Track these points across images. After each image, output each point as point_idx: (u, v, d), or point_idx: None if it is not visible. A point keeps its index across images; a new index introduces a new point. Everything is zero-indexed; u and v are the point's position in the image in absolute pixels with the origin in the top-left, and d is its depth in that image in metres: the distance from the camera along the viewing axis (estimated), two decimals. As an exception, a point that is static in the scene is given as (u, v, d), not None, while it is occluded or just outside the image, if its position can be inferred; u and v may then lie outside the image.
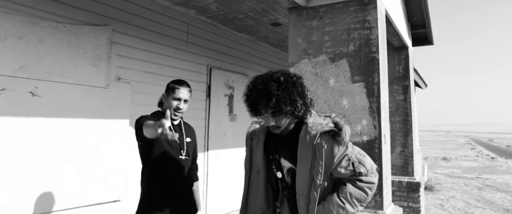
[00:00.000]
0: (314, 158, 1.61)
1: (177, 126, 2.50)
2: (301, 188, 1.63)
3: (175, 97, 2.33)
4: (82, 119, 3.42)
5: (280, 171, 1.74)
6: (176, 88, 2.35)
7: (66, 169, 3.25)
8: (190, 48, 4.75)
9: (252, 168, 1.83)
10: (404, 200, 4.91)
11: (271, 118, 1.63)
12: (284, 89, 1.59)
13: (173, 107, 2.33)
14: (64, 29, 3.31)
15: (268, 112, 1.61)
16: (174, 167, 2.34)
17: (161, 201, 2.30)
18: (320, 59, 3.34)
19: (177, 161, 2.36)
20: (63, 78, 3.27)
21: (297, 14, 3.50)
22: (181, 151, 2.40)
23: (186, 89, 2.38)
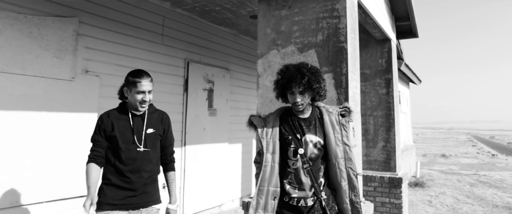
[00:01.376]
0: (342, 130, 2.07)
1: (140, 117, 2.40)
2: (338, 153, 2.02)
3: (138, 91, 2.27)
4: (45, 112, 3.32)
5: (301, 147, 2.02)
6: (137, 82, 2.27)
7: (28, 164, 3.16)
8: (165, 41, 4.64)
9: (267, 149, 2.07)
10: (385, 196, 4.81)
11: (299, 95, 2.01)
12: (313, 72, 2.03)
13: (139, 100, 2.28)
14: (25, 20, 3.21)
15: (298, 90, 1.99)
16: (127, 160, 2.27)
17: (113, 195, 2.25)
18: (288, 49, 3.23)
19: (131, 153, 2.29)
20: (23, 70, 3.18)
21: (267, 4, 3.39)
22: (137, 143, 2.31)
23: (147, 80, 2.30)
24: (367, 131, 5.06)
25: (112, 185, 2.28)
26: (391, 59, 4.95)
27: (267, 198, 2.04)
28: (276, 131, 2.09)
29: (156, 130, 2.42)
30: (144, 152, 2.33)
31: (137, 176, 2.30)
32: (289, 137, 2.06)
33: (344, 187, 2.02)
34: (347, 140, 2.07)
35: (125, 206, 2.28)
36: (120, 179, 2.27)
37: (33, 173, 3.20)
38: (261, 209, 2.04)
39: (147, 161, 2.35)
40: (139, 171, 2.31)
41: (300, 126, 2.08)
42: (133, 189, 2.29)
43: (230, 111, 5.70)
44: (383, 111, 4.96)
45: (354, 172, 2.04)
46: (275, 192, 2.04)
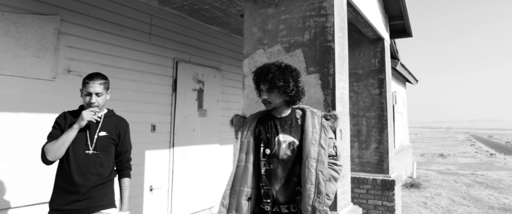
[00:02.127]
0: (322, 132, 1.98)
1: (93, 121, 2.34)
2: (312, 153, 1.91)
3: (86, 92, 2.29)
4: (24, 113, 3.22)
5: (268, 148, 1.98)
6: (85, 83, 2.30)
7: (4, 167, 3.05)
8: (153, 41, 4.53)
9: (241, 149, 2.03)
10: (378, 199, 4.71)
11: (266, 93, 1.99)
12: (281, 71, 1.97)
13: (86, 102, 2.30)
14: (1, 17, 3.11)
15: (265, 87, 1.99)
16: (74, 162, 2.25)
17: (59, 199, 2.25)
18: (275, 49, 3.13)
19: (80, 156, 2.27)
20: (1, 70, 3.07)
21: (253, 2, 3.29)
22: (88, 145, 2.29)
23: (97, 82, 2.30)
24: (359, 132, 4.96)
25: (59, 188, 2.28)
26: (384, 59, 4.85)
27: (239, 198, 1.97)
28: (251, 131, 2.06)
29: (109, 134, 2.40)
30: (93, 154, 2.31)
31: (83, 179, 2.26)
32: (261, 137, 2.03)
33: (309, 191, 1.90)
34: (324, 143, 1.97)
35: (69, 211, 2.24)
36: (66, 182, 2.26)
37: (10, 176, 3.09)
38: (233, 209, 1.97)
39: (96, 164, 2.31)
40: (86, 174, 2.27)
41: (275, 126, 2.03)
42: (78, 192, 2.25)
43: (221, 112, 5.59)
44: (376, 112, 4.86)
45: (324, 177, 1.92)
46: (248, 192, 1.97)
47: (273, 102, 2.01)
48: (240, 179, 2.00)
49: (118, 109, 3.99)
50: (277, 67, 2.00)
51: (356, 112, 5.00)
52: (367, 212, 4.78)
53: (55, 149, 2.20)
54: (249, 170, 1.99)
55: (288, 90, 1.98)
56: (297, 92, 2.03)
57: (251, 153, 2.02)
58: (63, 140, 2.21)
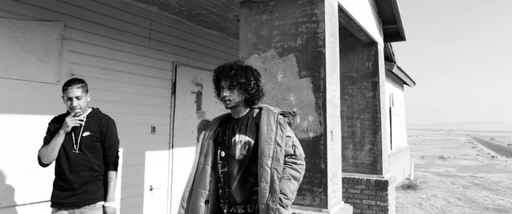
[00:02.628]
0: (278, 129, 1.96)
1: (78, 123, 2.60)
2: (266, 151, 1.91)
3: (66, 97, 2.51)
4: (29, 115, 3.36)
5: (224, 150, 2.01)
6: (65, 90, 2.50)
7: (7, 168, 3.19)
8: (153, 45, 4.68)
9: (201, 151, 2.07)
10: (372, 199, 4.84)
11: (227, 90, 2.00)
12: (243, 69, 2.03)
13: (69, 106, 2.52)
14: (8, 24, 3.26)
15: (226, 84, 2.00)
16: (65, 161, 2.50)
17: (58, 195, 2.50)
18: (269, 54, 3.27)
19: (68, 155, 2.50)
20: (7, 74, 3.22)
21: (248, 9, 3.44)
22: (73, 145, 2.52)
23: (74, 87, 2.51)
24: (354, 134, 5.10)
25: (57, 185, 2.53)
26: (377, 62, 4.99)
27: (197, 200, 1.98)
28: (212, 134, 2.08)
29: (92, 132, 2.59)
30: (79, 154, 2.52)
31: (76, 176, 2.49)
32: (218, 139, 2.06)
33: (263, 189, 1.89)
34: (281, 140, 1.94)
35: (66, 205, 2.49)
36: (62, 180, 2.50)
37: (16, 175, 3.23)
38: (191, 211, 1.99)
39: (84, 162, 2.52)
40: (77, 172, 2.50)
41: (232, 127, 2.05)
42: (73, 188, 2.47)
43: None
44: (369, 114, 4.99)
45: (279, 175, 1.90)
46: (206, 195, 1.98)
47: (233, 100, 2.02)
48: (198, 182, 2.01)
49: (119, 111, 4.15)
50: (239, 65, 2.05)
51: (350, 114, 5.13)
52: (362, 212, 4.91)
53: (47, 154, 2.47)
54: (207, 173, 2.00)
55: (249, 88, 2.01)
56: (257, 91, 2.06)
57: (210, 155, 2.03)
58: (52, 145, 2.46)
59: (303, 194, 3.00)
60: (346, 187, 5.01)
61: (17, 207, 3.24)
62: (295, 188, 1.97)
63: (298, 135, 3.05)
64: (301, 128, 3.05)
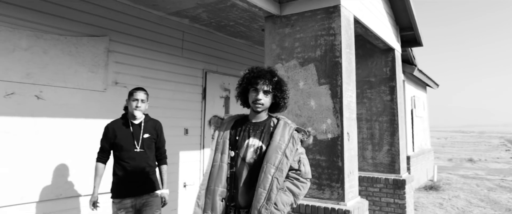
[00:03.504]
0: (290, 142, 1.96)
1: (138, 125, 3.13)
2: (272, 159, 1.91)
3: (133, 99, 3.04)
4: (82, 119, 3.86)
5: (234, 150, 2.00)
6: (132, 93, 3.06)
7: (68, 164, 3.70)
8: (185, 54, 5.14)
9: (217, 148, 2.05)
10: (390, 197, 5.10)
11: (263, 94, 2.00)
12: (282, 79, 2.11)
13: (133, 106, 3.03)
14: (65, 40, 3.77)
15: (263, 88, 2.00)
16: (128, 158, 2.99)
17: (119, 186, 2.99)
18: (291, 63, 3.63)
19: (131, 153, 2.99)
20: (65, 84, 3.73)
21: (272, 23, 3.81)
22: (135, 144, 3.01)
23: (141, 92, 3.07)
24: (373, 136, 5.37)
25: (120, 179, 2.99)
26: (395, 67, 5.25)
27: (214, 198, 1.95)
28: (227, 132, 2.06)
29: (151, 134, 3.13)
30: (140, 151, 3.04)
31: (138, 170, 3.00)
32: (231, 139, 2.04)
33: (260, 195, 1.87)
34: (290, 153, 1.95)
35: (130, 195, 2.99)
36: (126, 174, 2.98)
37: (75, 170, 3.74)
38: (209, 209, 1.95)
39: (145, 158, 3.05)
40: (139, 167, 3.01)
41: (248, 130, 2.04)
42: (136, 180, 2.99)
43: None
44: (387, 117, 5.26)
45: (279, 185, 1.90)
46: (223, 192, 1.96)
47: (265, 105, 2.03)
48: (215, 179, 1.97)
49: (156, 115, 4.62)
50: (277, 76, 2.07)
51: (369, 117, 5.41)
52: (381, 209, 5.18)
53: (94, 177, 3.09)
54: (224, 170, 1.97)
55: (284, 97, 2.07)
56: (285, 103, 2.11)
57: (226, 153, 2.00)
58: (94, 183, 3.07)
59: (323, 189, 3.34)
60: (366, 185, 5.29)
61: (75, 198, 3.74)
62: (289, 202, 1.94)
63: (317, 136, 3.40)
64: (321, 130, 3.39)
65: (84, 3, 3.96)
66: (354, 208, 3.19)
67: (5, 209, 3.23)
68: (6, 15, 3.36)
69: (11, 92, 3.35)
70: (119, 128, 3.05)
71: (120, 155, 3.00)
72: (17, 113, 3.37)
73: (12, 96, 3.35)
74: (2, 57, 3.29)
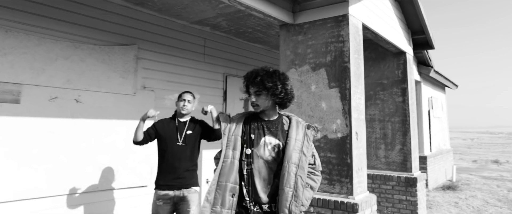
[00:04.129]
0: (305, 140, 2.05)
1: (183, 123, 3.44)
2: (293, 158, 1.98)
3: (181, 99, 3.40)
4: (115, 119, 4.28)
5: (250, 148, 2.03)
6: (182, 94, 3.43)
7: (103, 160, 4.12)
8: (207, 59, 5.51)
9: (228, 145, 2.06)
10: (402, 194, 5.30)
11: (254, 96, 2.07)
12: (269, 74, 2.04)
13: (180, 106, 3.37)
14: (99, 49, 4.20)
15: (253, 90, 2.05)
16: (171, 152, 3.26)
17: (163, 178, 3.25)
18: (304, 68, 3.93)
19: (174, 147, 3.27)
20: (99, 88, 4.15)
21: (286, 31, 4.12)
22: (178, 139, 3.30)
23: (188, 94, 3.44)
24: (385, 135, 5.59)
25: (163, 171, 3.26)
26: (406, 70, 5.45)
27: (224, 193, 1.98)
28: (239, 129, 2.08)
29: (194, 132, 3.42)
30: (183, 146, 3.30)
31: (179, 164, 3.25)
32: (245, 137, 2.07)
33: (287, 194, 1.95)
34: (306, 150, 2.04)
35: (170, 186, 3.24)
36: (168, 166, 3.25)
37: (109, 166, 4.15)
38: (218, 205, 1.98)
39: (186, 153, 3.30)
40: (180, 160, 3.26)
41: (262, 128, 2.08)
42: (176, 174, 3.23)
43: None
44: (399, 117, 5.46)
45: (303, 182, 1.99)
46: (233, 188, 1.98)
47: (261, 105, 2.06)
48: (226, 175, 1.99)
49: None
50: (265, 71, 2.05)
51: (382, 117, 5.63)
52: (393, 206, 5.39)
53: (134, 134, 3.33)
54: (235, 166, 2.00)
55: (277, 92, 2.01)
56: (286, 95, 2.06)
57: (238, 149, 2.03)
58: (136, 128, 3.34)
59: (333, 184, 3.62)
60: (379, 183, 5.51)
61: (109, 191, 4.16)
62: (310, 197, 2.06)
63: (328, 135, 3.69)
64: (331, 129, 3.68)
65: (115, 15, 4.38)
66: (362, 202, 3.46)
67: (51, 199, 3.67)
68: (49, 28, 3.80)
69: (54, 96, 3.79)
70: (167, 123, 3.38)
71: (164, 147, 3.27)
72: (59, 115, 3.81)
73: (55, 100, 3.78)
74: (47, 66, 3.73)
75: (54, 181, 3.71)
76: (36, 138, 3.61)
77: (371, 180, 5.56)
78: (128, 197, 4.35)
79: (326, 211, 3.53)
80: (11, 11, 3.54)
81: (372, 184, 5.54)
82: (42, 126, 3.67)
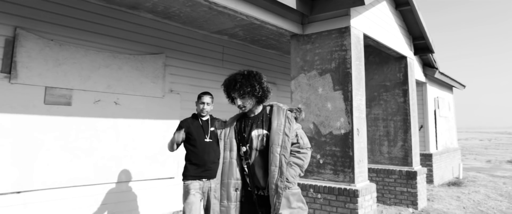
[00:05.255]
0: (286, 122, 2.28)
1: (205, 121, 3.89)
2: (276, 140, 2.22)
3: (200, 102, 3.79)
4: (147, 119, 4.92)
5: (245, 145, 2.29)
6: (200, 97, 3.82)
7: (137, 154, 4.76)
8: (225, 65, 6.12)
9: (225, 148, 2.36)
10: (404, 186, 5.81)
11: (239, 99, 2.29)
12: (246, 78, 2.27)
13: (200, 108, 3.79)
14: (133, 58, 4.84)
15: (237, 95, 2.27)
16: (199, 146, 3.74)
17: (192, 170, 3.72)
18: (312, 73, 4.50)
19: (201, 142, 3.76)
20: (134, 92, 4.80)
21: (296, 40, 4.70)
22: (205, 136, 3.79)
23: (207, 96, 3.83)
24: (388, 133, 6.10)
25: (192, 163, 3.71)
26: (407, 73, 5.96)
27: (228, 189, 2.27)
28: (232, 131, 2.37)
29: (216, 128, 3.83)
30: (209, 141, 3.78)
31: (207, 157, 3.71)
32: (239, 137, 2.34)
33: (273, 172, 2.19)
34: (288, 131, 2.26)
35: (199, 177, 3.73)
36: (197, 160, 3.70)
37: (142, 159, 4.79)
38: (225, 199, 2.28)
39: (213, 147, 3.76)
40: (208, 154, 3.73)
41: (250, 124, 2.34)
42: (204, 166, 3.71)
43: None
44: (401, 116, 5.97)
45: (286, 160, 2.22)
46: (236, 184, 2.27)
47: (248, 105, 2.30)
48: (227, 173, 2.28)
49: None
50: (242, 75, 2.28)
51: (385, 116, 6.14)
52: (395, 197, 5.90)
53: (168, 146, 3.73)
54: (233, 165, 2.29)
55: (256, 93, 2.27)
56: (264, 92, 2.30)
57: (234, 150, 2.31)
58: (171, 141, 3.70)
59: (338, 174, 4.17)
60: (383, 176, 6.03)
61: (144, 181, 4.79)
62: (296, 174, 2.27)
63: (333, 131, 4.24)
64: (336, 126, 4.23)
65: (146, 28, 5.02)
66: (362, 189, 4.01)
67: (97, 186, 4.32)
68: (93, 41, 4.46)
69: (98, 99, 4.44)
70: (192, 122, 3.80)
71: (193, 143, 3.71)
72: (102, 115, 4.46)
73: (98, 103, 4.44)
74: (91, 73, 4.39)
75: (98, 171, 4.36)
76: (84, 135, 4.27)
77: (375, 173, 6.08)
78: (158, 187, 4.98)
79: (332, 197, 4.09)
80: (63, 28, 4.21)
81: (376, 177, 6.06)
82: (88, 124, 4.33)
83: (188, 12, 4.85)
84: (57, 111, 4.08)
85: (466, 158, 20.57)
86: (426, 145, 9.38)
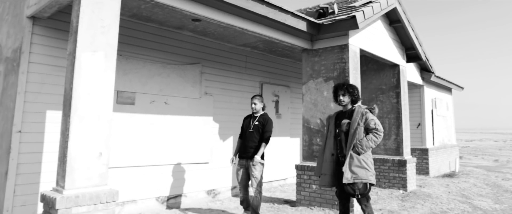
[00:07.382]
0: (361, 119, 3.85)
1: (254, 117, 5.20)
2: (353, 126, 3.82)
3: (251, 103, 5.13)
4: (188, 116, 6.23)
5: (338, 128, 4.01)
6: (252, 98, 5.16)
7: (181, 144, 6.08)
8: (247, 71, 7.41)
9: (328, 131, 4.14)
10: (396, 172, 7.00)
11: (342, 96, 4.00)
12: (349, 85, 4.09)
13: (252, 106, 5.12)
14: (178, 68, 6.16)
15: (341, 92, 3.99)
16: (245, 136, 5.10)
17: (241, 152, 5.11)
18: (319, 80, 5.75)
19: (247, 133, 5.09)
20: (179, 94, 6.11)
21: (307, 54, 5.95)
22: (250, 127, 5.09)
23: (255, 98, 5.14)
24: (384, 128, 7.30)
25: (241, 147, 5.10)
26: (399, 78, 7.15)
27: (327, 154, 4.01)
28: (332, 122, 4.12)
29: (259, 123, 5.17)
30: (252, 132, 5.06)
31: (249, 143, 5.04)
32: (336, 123, 4.07)
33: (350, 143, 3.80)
34: (361, 122, 3.82)
35: (244, 157, 5.07)
36: (244, 144, 5.07)
37: (185, 147, 6.11)
38: (325, 161, 4.02)
39: (252, 137, 5.06)
40: (251, 140, 5.04)
41: (344, 115, 4.01)
42: (248, 148, 5.03)
43: (291, 115, 8.30)
44: (394, 115, 7.17)
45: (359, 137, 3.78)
46: (332, 150, 3.99)
47: (345, 101, 3.97)
48: (328, 144, 4.04)
49: (230, 113, 6.87)
50: (345, 85, 4.02)
51: (381, 115, 7.34)
52: (389, 181, 7.10)
53: None
54: (331, 139, 4.02)
55: (353, 95, 3.98)
56: (357, 96, 4.02)
57: (332, 132, 4.04)
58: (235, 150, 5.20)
59: (338, 158, 5.41)
60: (379, 164, 7.24)
61: (185, 164, 6.11)
62: (368, 145, 3.75)
63: (335, 125, 5.48)
64: (337, 121, 5.47)
65: (187, 43, 6.34)
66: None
67: (153, 167, 5.66)
68: (149, 55, 5.79)
69: (153, 100, 5.77)
70: (247, 118, 5.20)
71: (243, 132, 5.14)
72: (156, 112, 5.79)
73: (153, 103, 5.77)
74: (148, 80, 5.72)
75: (154, 155, 5.69)
76: (143, 128, 5.61)
77: (372, 162, 7.30)
78: (195, 170, 6.30)
79: (333, 175, 5.33)
80: (128, 45, 5.55)
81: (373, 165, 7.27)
82: (147, 120, 5.66)
83: (221, 32, 6.15)
84: (124, 109, 5.42)
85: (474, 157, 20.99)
86: (423, 141, 10.50)
